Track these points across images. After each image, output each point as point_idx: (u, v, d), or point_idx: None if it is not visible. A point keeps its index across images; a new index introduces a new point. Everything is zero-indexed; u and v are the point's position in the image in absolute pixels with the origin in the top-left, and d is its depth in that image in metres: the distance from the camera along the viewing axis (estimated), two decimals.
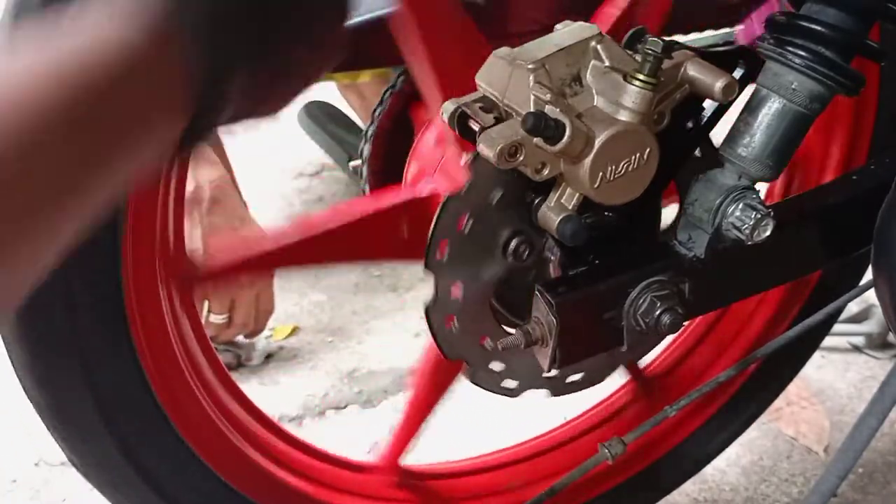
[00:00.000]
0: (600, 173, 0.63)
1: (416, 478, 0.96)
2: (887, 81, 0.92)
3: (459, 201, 0.67)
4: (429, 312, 0.70)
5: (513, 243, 0.70)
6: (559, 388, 0.79)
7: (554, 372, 0.73)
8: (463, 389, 0.84)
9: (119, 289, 0.65)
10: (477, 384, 0.76)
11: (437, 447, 1.16)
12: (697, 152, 0.70)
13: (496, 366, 0.75)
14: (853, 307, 1.47)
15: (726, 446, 1.10)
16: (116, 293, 0.66)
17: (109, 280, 0.65)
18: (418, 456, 0.97)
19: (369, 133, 0.84)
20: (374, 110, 0.84)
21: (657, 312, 0.69)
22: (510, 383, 0.77)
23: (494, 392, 0.78)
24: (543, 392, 0.79)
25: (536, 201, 0.68)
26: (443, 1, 0.70)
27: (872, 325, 1.48)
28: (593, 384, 0.81)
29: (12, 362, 0.67)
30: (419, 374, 0.88)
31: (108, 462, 0.73)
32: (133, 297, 0.67)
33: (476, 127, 0.65)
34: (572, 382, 0.79)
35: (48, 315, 0.64)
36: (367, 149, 0.85)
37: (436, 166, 0.76)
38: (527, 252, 0.71)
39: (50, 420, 0.70)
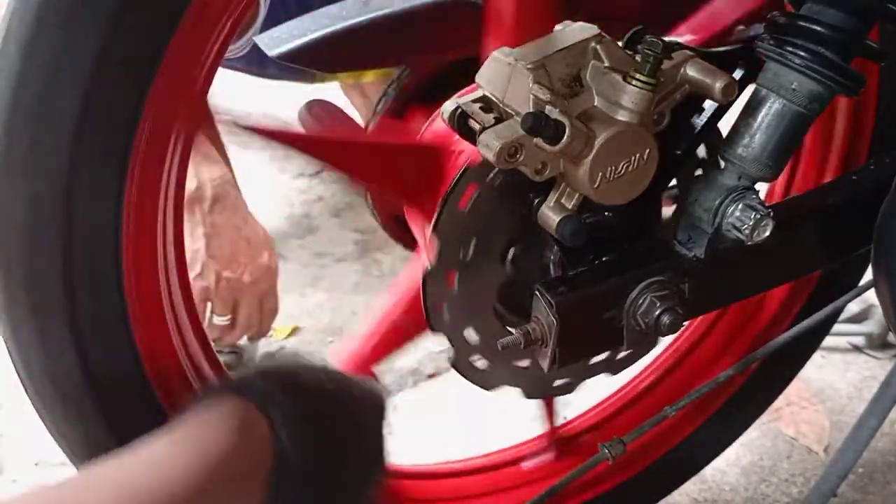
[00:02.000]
0: (600, 173, 0.63)
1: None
2: (887, 81, 0.92)
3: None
4: None
5: None
6: None
7: None
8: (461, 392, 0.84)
9: (120, 287, 0.65)
10: None
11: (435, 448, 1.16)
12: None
13: None
14: (853, 307, 1.47)
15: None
16: (117, 292, 0.66)
17: (110, 278, 0.65)
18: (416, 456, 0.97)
19: (370, 126, 0.84)
20: (377, 103, 0.84)
21: (657, 312, 0.69)
22: None
23: None
24: None
25: (536, 201, 0.68)
26: None
27: (872, 325, 1.48)
28: None
29: (14, 366, 0.67)
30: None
31: None
32: (135, 294, 0.67)
33: (476, 127, 0.65)
34: None
35: (48, 317, 0.64)
36: None
37: None
38: None
39: (50, 422, 0.70)
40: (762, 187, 0.75)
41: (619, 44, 0.66)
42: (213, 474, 0.55)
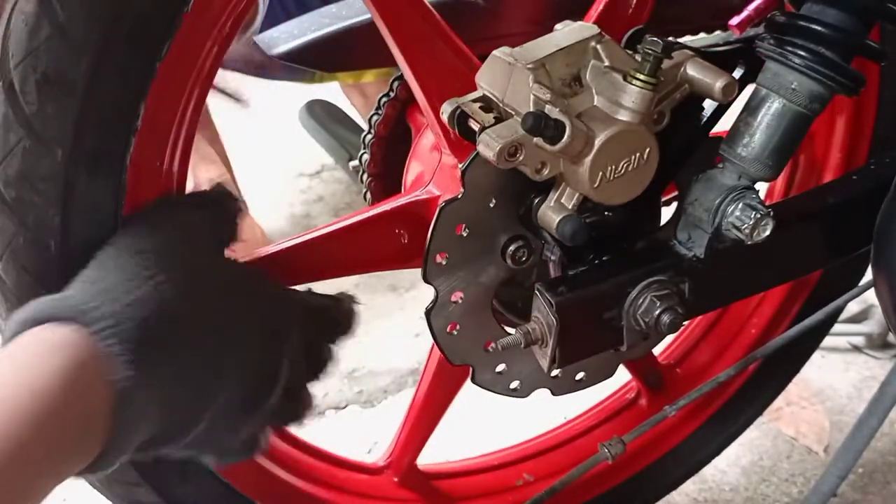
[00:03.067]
0: (600, 173, 0.63)
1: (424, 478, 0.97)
2: (887, 81, 0.92)
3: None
4: None
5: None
6: None
7: None
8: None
9: None
10: None
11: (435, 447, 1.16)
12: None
13: None
14: (853, 307, 1.47)
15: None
16: None
17: None
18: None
19: (367, 140, 0.84)
20: (371, 117, 0.84)
21: (657, 312, 0.69)
22: None
23: None
24: None
25: (536, 201, 0.68)
26: (412, 8, 0.68)
27: (872, 325, 1.48)
28: None
29: None
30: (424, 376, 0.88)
31: None
32: None
33: (476, 127, 0.65)
34: None
35: None
36: (365, 156, 0.85)
37: (433, 170, 0.76)
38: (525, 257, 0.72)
39: None
40: (762, 187, 0.75)
41: (619, 44, 0.66)
42: (30, 431, 0.47)
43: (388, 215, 0.74)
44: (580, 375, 0.80)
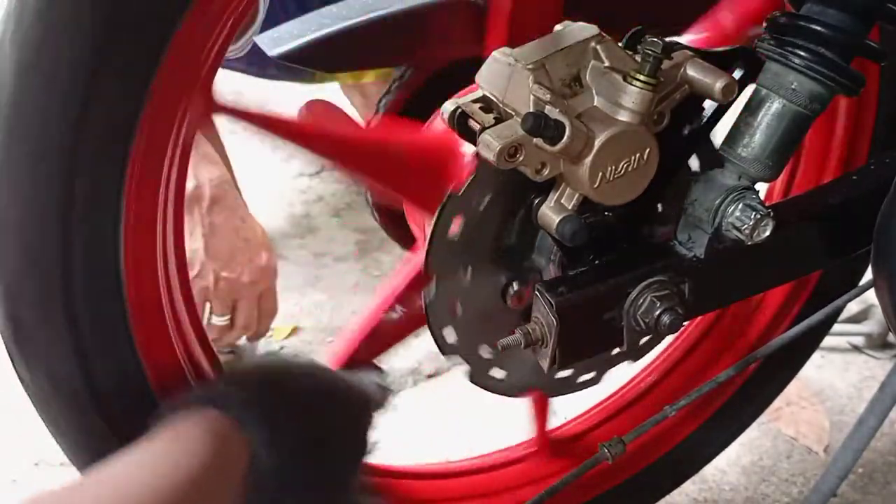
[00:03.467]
0: (600, 173, 0.63)
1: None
2: (887, 81, 0.92)
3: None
4: None
5: None
6: None
7: None
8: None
9: (119, 289, 0.65)
10: None
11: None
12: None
13: None
14: (853, 307, 1.47)
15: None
16: (117, 292, 0.65)
17: (110, 278, 0.65)
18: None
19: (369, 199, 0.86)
20: (380, 100, 0.85)
21: (657, 312, 0.69)
22: None
23: None
24: None
25: (536, 201, 0.68)
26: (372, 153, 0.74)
27: (872, 325, 1.48)
28: None
29: (15, 368, 0.67)
30: None
31: None
32: (133, 295, 0.67)
33: (476, 127, 0.65)
34: None
35: (49, 321, 0.64)
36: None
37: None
38: None
39: (49, 419, 0.70)
40: (762, 187, 0.75)
41: (619, 44, 0.66)
42: (187, 489, 0.56)
43: (402, 294, 0.80)
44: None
